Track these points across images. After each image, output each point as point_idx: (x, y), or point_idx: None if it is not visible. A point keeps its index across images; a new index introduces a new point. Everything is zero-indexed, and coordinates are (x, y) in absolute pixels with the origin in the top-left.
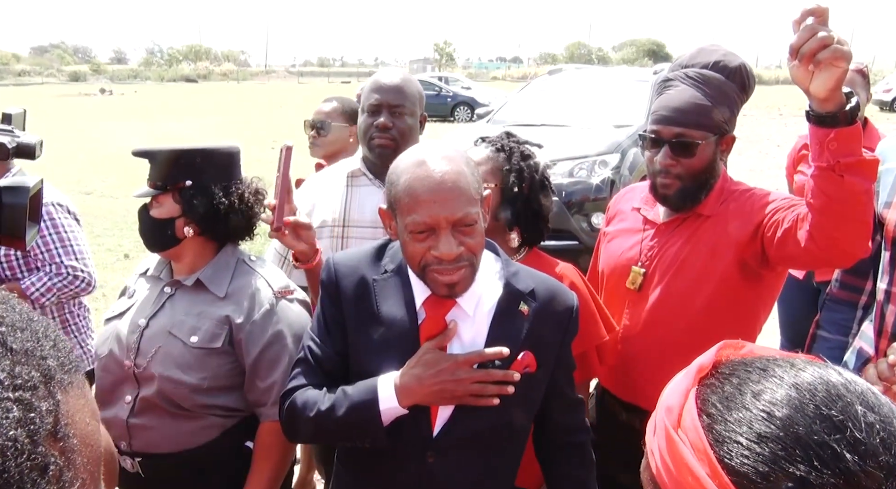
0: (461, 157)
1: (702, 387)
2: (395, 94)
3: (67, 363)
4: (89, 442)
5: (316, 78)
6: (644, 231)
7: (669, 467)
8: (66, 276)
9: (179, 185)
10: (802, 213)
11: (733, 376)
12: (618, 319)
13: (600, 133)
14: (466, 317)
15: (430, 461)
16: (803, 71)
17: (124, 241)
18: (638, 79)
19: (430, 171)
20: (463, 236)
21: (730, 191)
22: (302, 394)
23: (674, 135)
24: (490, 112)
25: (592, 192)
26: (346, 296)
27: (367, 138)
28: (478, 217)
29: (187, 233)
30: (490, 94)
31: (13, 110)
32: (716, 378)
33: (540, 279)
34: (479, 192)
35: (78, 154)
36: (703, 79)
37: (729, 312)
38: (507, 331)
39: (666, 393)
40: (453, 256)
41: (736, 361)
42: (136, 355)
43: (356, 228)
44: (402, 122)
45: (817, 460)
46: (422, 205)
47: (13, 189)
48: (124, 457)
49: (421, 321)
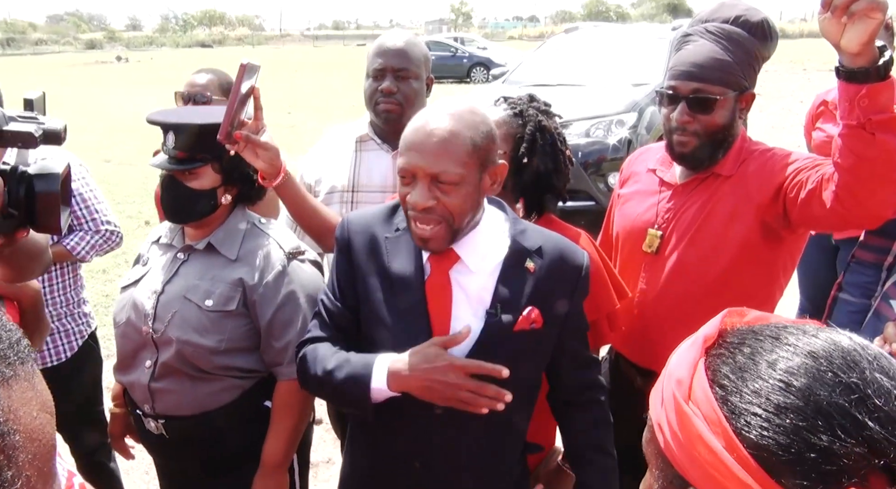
0: (472, 118)
1: (711, 357)
2: (398, 58)
3: (11, 355)
4: (36, 436)
5: (331, 41)
6: (660, 193)
7: (681, 440)
8: (104, 233)
9: (221, 155)
10: (828, 173)
11: (744, 345)
12: (633, 283)
13: (617, 92)
14: (470, 273)
15: (437, 412)
16: (835, 24)
17: (144, 207)
18: (656, 36)
19: (426, 122)
20: (440, 193)
21: (749, 151)
22: (313, 350)
23: (691, 90)
24: (506, 72)
25: (609, 152)
26: (358, 252)
27: (372, 103)
28: (461, 179)
29: (226, 200)
30: (506, 54)
31: (33, 95)
32: (725, 348)
33: (549, 237)
34: (478, 158)
35: (96, 122)
36: (723, 33)
37: (749, 275)
38: (513, 287)
39: (672, 364)
40: (421, 207)
41: (744, 329)
42: (153, 321)
43: (365, 193)
44: (407, 85)
45: (840, 429)
46: (407, 151)
47: (44, 176)
48: (148, 419)
49: (427, 276)
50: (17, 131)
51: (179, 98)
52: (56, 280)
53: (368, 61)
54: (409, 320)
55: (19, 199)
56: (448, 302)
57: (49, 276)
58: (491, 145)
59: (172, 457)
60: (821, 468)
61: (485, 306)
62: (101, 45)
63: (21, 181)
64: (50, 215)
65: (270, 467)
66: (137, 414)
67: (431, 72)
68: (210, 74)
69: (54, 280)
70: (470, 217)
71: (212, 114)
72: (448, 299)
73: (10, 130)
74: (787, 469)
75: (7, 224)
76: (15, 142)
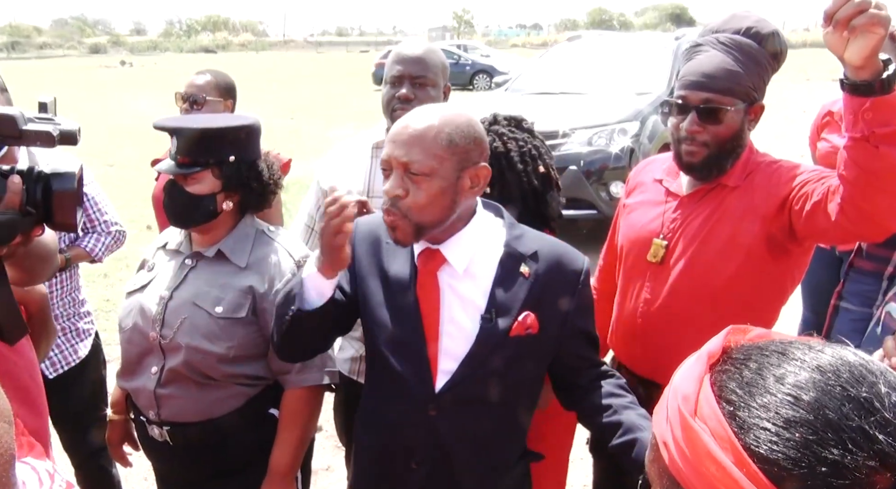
0: (454, 117)
1: (716, 373)
2: (417, 66)
3: None
4: None
5: (334, 47)
6: (666, 203)
7: (688, 457)
8: (114, 234)
9: (221, 161)
10: (833, 186)
11: (750, 361)
12: (637, 293)
13: (620, 101)
14: (459, 276)
15: (431, 414)
16: (838, 37)
17: (146, 212)
18: (659, 45)
19: (407, 117)
20: (411, 183)
21: (756, 162)
22: None
23: (701, 100)
24: (509, 80)
25: (611, 161)
26: (361, 257)
27: (389, 109)
28: (431, 171)
29: (227, 207)
30: (509, 62)
31: (46, 98)
32: (730, 364)
33: (546, 242)
34: (454, 153)
35: (100, 127)
36: (734, 44)
37: (754, 287)
38: (508, 291)
39: (676, 380)
40: (391, 194)
41: (749, 346)
42: (161, 326)
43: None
44: (425, 93)
45: (851, 443)
46: (388, 143)
47: (61, 176)
48: (152, 426)
49: (417, 278)
50: (36, 131)
51: (179, 98)
52: (56, 284)
53: (387, 68)
54: (403, 320)
55: (37, 199)
56: (436, 303)
57: (50, 282)
58: (472, 146)
59: (175, 464)
60: (832, 482)
61: (479, 310)
62: (106, 50)
63: (38, 180)
64: (67, 213)
65: (278, 475)
66: (141, 420)
67: None
68: (208, 75)
69: (54, 285)
70: (438, 214)
71: (214, 119)
72: (436, 300)
73: (30, 130)
74: (798, 483)
75: (25, 222)
76: (34, 141)
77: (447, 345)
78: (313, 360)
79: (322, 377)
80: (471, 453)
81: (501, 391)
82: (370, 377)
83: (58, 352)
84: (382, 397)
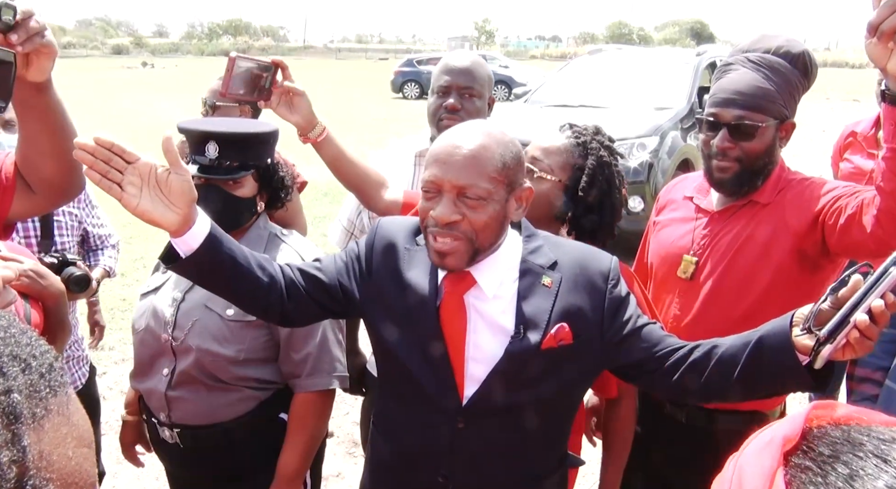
0: (502, 137)
1: (793, 468)
2: (464, 77)
3: (43, 388)
4: (73, 480)
5: (353, 54)
6: (697, 220)
7: None
8: (116, 248)
9: (262, 164)
10: (867, 198)
11: (838, 462)
12: (667, 309)
13: (640, 115)
14: (486, 298)
15: (460, 427)
16: (882, 48)
17: None
18: (681, 61)
19: (455, 136)
20: (466, 207)
21: (787, 180)
22: None
23: (734, 117)
24: (528, 92)
25: (630, 175)
26: (378, 256)
27: (435, 119)
28: (488, 195)
29: (260, 208)
30: (528, 73)
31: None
32: (811, 459)
33: (566, 249)
34: (506, 176)
35: (118, 127)
36: (765, 63)
37: (784, 303)
38: (534, 306)
39: (742, 465)
40: (445, 221)
41: (836, 436)
42: (173, 328)
43: None
44: (471, 103)
45: None
46: (434, 164)
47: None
48: (163, 427)
49: (441, 298)
50: None
51: (203, 103)
52: None
53: (434, 78)
54: (425, 346)
55: None
56: (462, 326)
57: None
58: (519, 167)
59: (186, 467)
60: None
61: (504, 329)
62: (128, 51)
63: None
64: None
65: (285, 479)
66: (153, 422)
67: None
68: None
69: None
70: (493, 239)
71: (252, 124)
72: (462, 324)
73: None
74: None
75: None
76: None
77: (473, 367)
78: (322, 365)
79: (331, 381)
80: (503, 465)
81: (535, 401)
82: (385, 379)
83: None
84: (403, 405)
